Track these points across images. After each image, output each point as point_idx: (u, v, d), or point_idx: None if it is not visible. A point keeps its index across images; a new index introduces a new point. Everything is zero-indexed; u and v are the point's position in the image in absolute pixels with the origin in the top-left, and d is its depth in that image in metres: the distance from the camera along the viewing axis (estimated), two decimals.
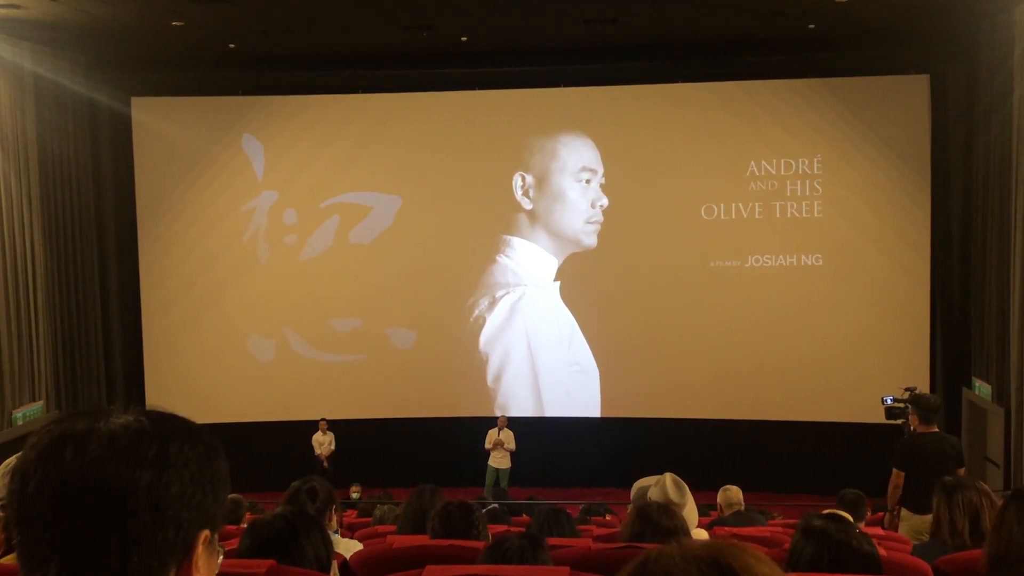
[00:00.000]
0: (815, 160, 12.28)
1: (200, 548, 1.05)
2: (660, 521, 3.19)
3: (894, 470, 6.44)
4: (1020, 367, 9.88)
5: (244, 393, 12.96)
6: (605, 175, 12.67)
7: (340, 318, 13.04)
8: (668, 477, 4.19)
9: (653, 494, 4.07)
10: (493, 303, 12.92)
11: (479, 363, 12.96)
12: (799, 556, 2.70)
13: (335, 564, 2.98)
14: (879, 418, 8.70)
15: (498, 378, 12.98)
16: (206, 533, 1.06)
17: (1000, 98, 10.44)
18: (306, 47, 12.07)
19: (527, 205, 12.79)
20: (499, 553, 2.84)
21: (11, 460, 1.15)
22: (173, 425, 1.07)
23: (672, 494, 4.11)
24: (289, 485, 4.13)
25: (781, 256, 12.42)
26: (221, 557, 1.12)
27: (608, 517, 8.25)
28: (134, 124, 12.82)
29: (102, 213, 12.80)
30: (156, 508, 1.00)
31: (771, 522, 6.51)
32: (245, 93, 12.95)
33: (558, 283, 12.80)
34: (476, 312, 12.95)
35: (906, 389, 8.17)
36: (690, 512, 4.21)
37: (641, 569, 0.98)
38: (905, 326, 12.12)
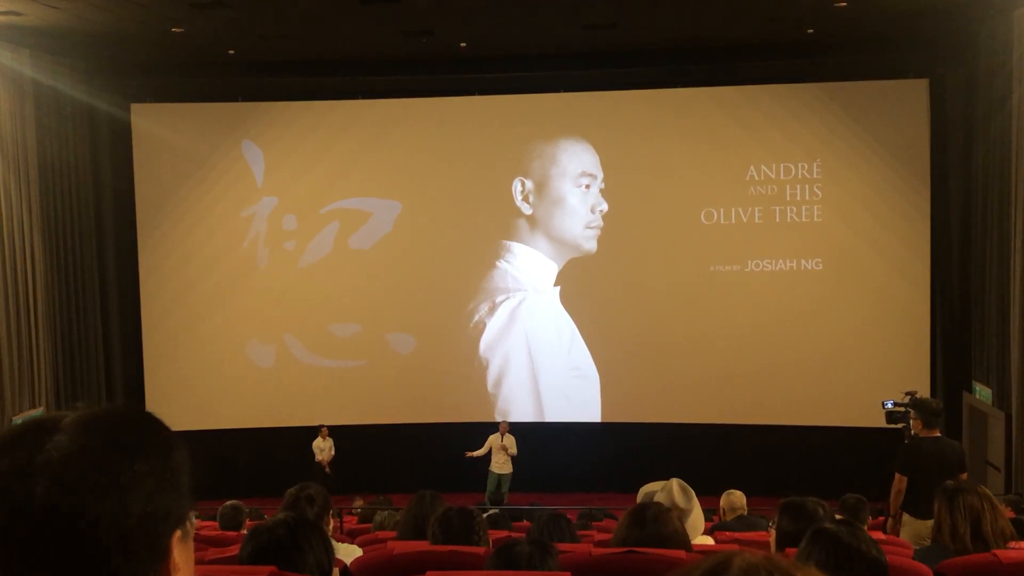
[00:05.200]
0: (814, 164, 12.29)
1: (175, 551, 1.00)
2: (657, 530, 3.17)
3: (896, 474, 6.43)
4: (1021, 371, 9.87)
5: (244, 399, 12.95)
6: (605, 180, 12.67)
7: (340, 323, 13.04)
8: (675, 482, 4.19)
9: (660, 499, 4.06)
10: (493, 308, 12.92)
11: (479, 368, 12.95)
12: (805, 560, 2.67)
13: (336, 570, 2.97)
14: (880, 422, 8.69)
15: (498, 383, 12.97)
16: (178, 534, 1.01)
17: (999, 101, 10.45)
18: (305, 53, 12.08)
19: (527, 210, 12.80)
20: (508, 558, 2.83)
21: None
22: (121, 437, 0.98)
23: (679, 499, 4.10)
24: (286, 492, 4.12)
25: (781, 260, 12.42)
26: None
27: (606, 521, 8.23)
28: (134, 130, 12.83)
29: (102, 219, 12.80)
30: (122, 536, 0.94)
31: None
32: (245, 99, 12.96)
33: (558, 288, 12.80)
34: (476, 317, 12.95)
35: (907, 393, 8.18)
36: (696, 518, 4.19)
37: (723, 569, 0.96)
38: (905, 330, 12.12)
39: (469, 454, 12.04)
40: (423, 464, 12.71)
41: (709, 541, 4.46)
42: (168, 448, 1.02)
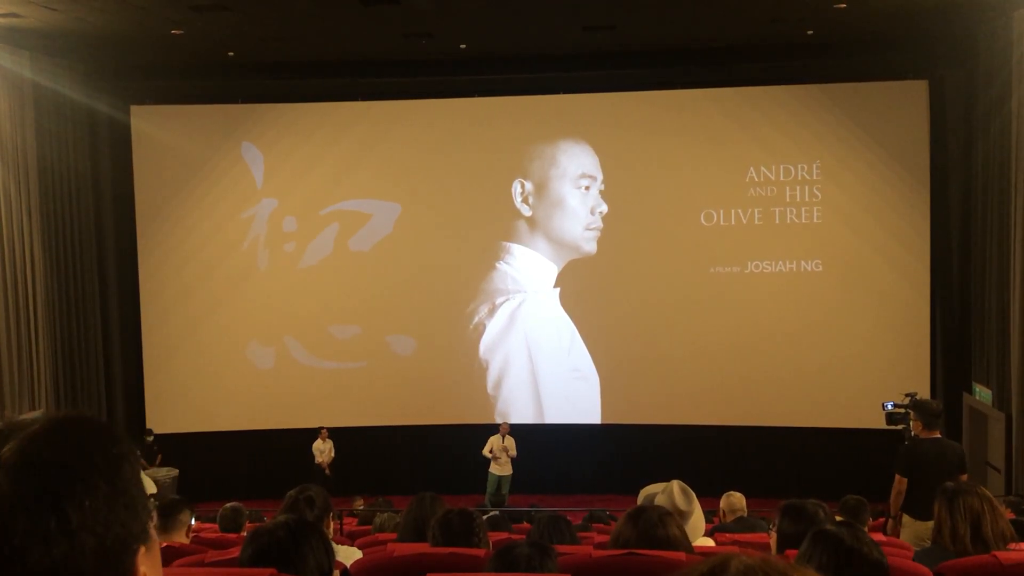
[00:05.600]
0: (814, 166, 12.29)
1: (141, 566, 0.96)
2: (649, 531, 3.17)
3: (896, 476, 6.42)
4: (1020, 372, 9.87)
5: (244, 401, 12.94)
6: (604, 181, 12.68)
7: (340, 325, 13.04)
8: (675, 484, 4.18)
9: (660, 501, 4.06)
10: (493, 310, 12.92)
11: (479, 370, 12.95)
12: (806, 562, 2.67)
13: (336, 572, 2.97)
14: (880, 423, 8.70)
15: (498, 385, 12.97)
16: (142, 550, 0.96)
17: (998, 102, 10.46)
18: (305, 55, 12.09)
19: (526, 212, 12.80)
20: (507, 560, 2.83)
21: None
22: (66, 473, 0.91)
23: (679, 501, 4.10)
24: (286, 494, 4.12)
25: (781, 262, 12.42)
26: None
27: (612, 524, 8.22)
28: (133, 132, 12.83)
29: (101, 221, 12.81)
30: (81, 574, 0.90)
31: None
32: (244, 101, 12.96)
33: (558, 289, 12.80)
34: (476, 319, 12.95)
35: (907, 394, 8.19)
36: (697, 520, 4.19)
37: (720, 572, 0.96)
38: (905, 331, 12.12)
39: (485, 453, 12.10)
40: (423, 466, 12.71)
41: (710, 543, 4.46)
42: (116, 466, 0.95)
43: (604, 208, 12.66)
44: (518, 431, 12.37)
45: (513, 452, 12.10)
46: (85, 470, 0.92)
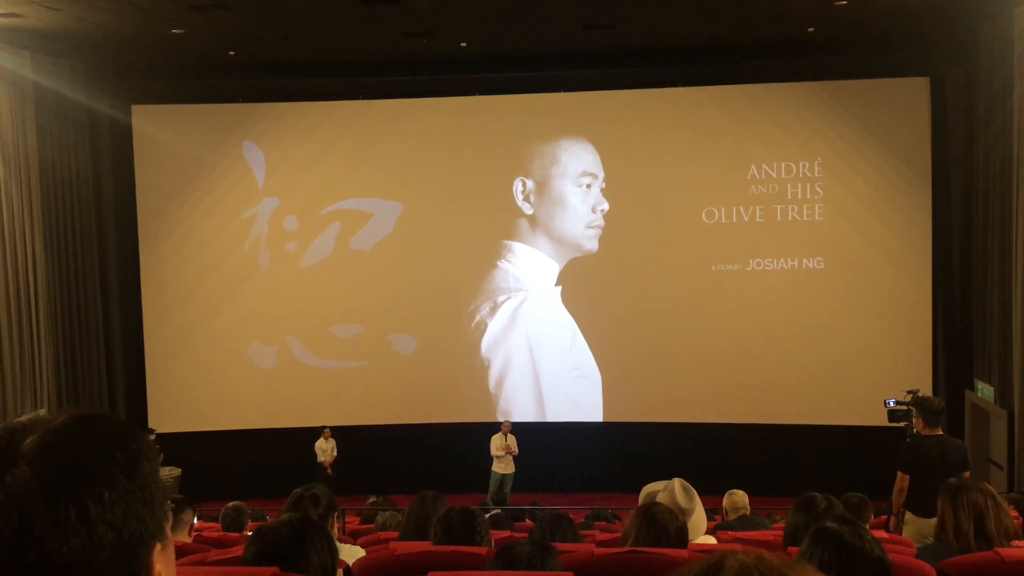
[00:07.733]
0: (815, 163, 12.29)
1: (156, 564, 0.97)
2: (667, 525, 3.18)
3: (899, 473, 6.42)
4: (1023, 368, 9.86)
5: (246, 401, 12.95)
6: (605, 179, 12.67)
7: (341, 325, 13.04)
8: (677, 482, 4.18)
9: (662, 499, 4.06)
10: (494, 308, 12.92)
11: (481, 369, 12.95)
12: (807, 560, 2.66)
13: (339, 571, 2.97)
14: (882, 421, 8.70)
15: (500, 383, 12.97)
16: (158, 547, 0.97)
17: (1000, 99, 10.45)
18: (306, 54, 12.09)
19: (528, 210, 12.80)
20: (508, 559, 2.84)
21: None
22: (86, 465, 0.92)
23: (681, 499, 4.10)
24: (292, 492, 4.12)
25: (782, 259, 12.42)
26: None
27: (617, 523, 8.22)
28: (134, 132, 12.83)
29: (103, 221, 12.81)
30: (97, 570, 0.90)
31: (775, 525, 6.50)
32: (245, 100, 12.96)
33: (559, 288, 12.80)
34: (477, 318, 12.95)
35: (909, 392, 8.19)
36: (699, 517, 4.19)
37: (716, 570, 0.97)
38: (907, 328, 12.11)
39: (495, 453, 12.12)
40: (425, 465, 12.72)
41: (711, 541, 4.46)
42: (135, 461, 0.95)
43: (605, 206, 12.66)
44: (520, 430, 12.37)
45: (515, 450, 12.10)
46: (105, 463, 0.93)
